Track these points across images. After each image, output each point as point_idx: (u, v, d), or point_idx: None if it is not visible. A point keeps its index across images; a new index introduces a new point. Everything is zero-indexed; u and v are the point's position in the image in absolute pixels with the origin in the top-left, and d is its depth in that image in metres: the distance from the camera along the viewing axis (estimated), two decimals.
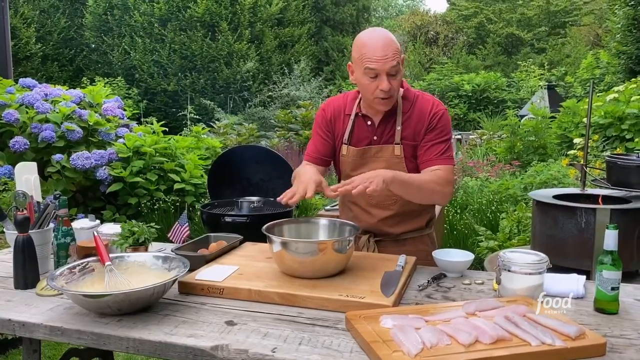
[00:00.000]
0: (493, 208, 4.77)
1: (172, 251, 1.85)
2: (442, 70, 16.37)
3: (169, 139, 5.32)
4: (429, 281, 1.72)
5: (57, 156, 4.41)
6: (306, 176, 1.82)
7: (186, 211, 2.41)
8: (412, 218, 2.06)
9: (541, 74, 14.93)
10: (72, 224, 1.91)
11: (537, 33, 22.05)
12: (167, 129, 5.67)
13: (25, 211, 1.86)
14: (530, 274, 1.50)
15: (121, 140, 4.83)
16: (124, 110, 5.47)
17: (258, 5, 15.02)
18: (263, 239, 1.75)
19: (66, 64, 15.86)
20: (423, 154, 1.94)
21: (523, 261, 1.52)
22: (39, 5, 15.26)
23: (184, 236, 2.22)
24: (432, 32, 23.29)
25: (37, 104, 4.52)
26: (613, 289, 1.47)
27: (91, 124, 4.71)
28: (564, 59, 18.78)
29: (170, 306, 1.54)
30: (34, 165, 2.12)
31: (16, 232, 1.70)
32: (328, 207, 4.12)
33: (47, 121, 4.50)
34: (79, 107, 4.74)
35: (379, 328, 1.30)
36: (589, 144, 3.49)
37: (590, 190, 2.99)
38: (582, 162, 2.99)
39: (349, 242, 1.70)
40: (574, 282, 1.64)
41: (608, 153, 4.95)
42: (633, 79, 7.37)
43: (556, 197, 2.85)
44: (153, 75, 14.47)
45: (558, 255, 2.62)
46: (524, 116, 9.25)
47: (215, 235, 2.11)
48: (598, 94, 7.63)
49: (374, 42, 1.81)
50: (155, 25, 14.40)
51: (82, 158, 4.39)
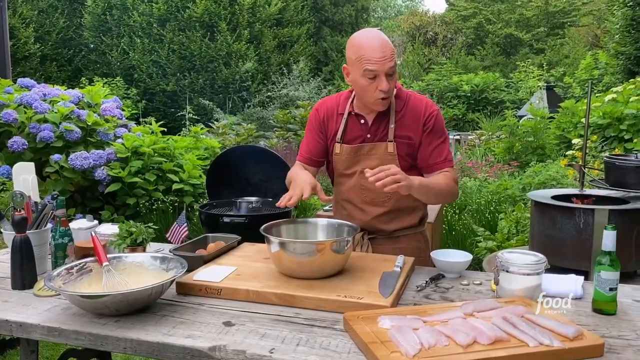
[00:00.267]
0: (492, 208, 4.77)
1: (170, 251, 1.85)
2: (441, 71, 16.37)
3: (168, 139, 5.32)
4: (427, 282, 1.72)
5: (56, 156, 4.40)
6: (301, 179, 1.85)
7: (185, 211, 2.41)
8: (405, 215, 2.07)
9: (540, 75, 14.93)
10: (69, 224, 1.91)
11: (536, 34, 22.06)
12: (165, 129, 5.67)
13: (22, 211, 1.85)
14: (528, 274, 1.51)
15: (120, 140, 4.82)
16: (123, 110, 5.46)
17: (257, 6, 15.02)
18: (261, 239, 1.75)
19: (65, 64, 15.85)
20: (428, 157, 1.97)
21: (521, 262, 1.52)
22: (37, 5, 15.24)
23: (182, 236, 2.21)
24: (431, 33, 23.32)
25: (36, 104, 4.52)
26: (611, 289, 1.47)
27: (90, 124, 4.70)
28: (562, 60, 18.79)
29: (168, 307, 1.54)
30: (31, 166, 2.12)
31: (14, 232, 1.70)
32: (326, 208, 4.11)
33: (45, 121, 4.49)
34: (77, 107, 4.74)
35: (377, 329, 1.30)
36: (587, 145, 3.49)
37: (588, 191, 2.99)
38: (580, 163, 2.99)
39: (347, 242, 1.69)
40: (572, 283, 1.64)
41: (606, 153, 4.95)
42: (631, 80, 7.38)
43: (554, 197, 2.85)
44: (152, 76, 14.46)
45: (556, 256, 2.62)
46: (522, 117, 9.26)
47: (214, 235, 2.11)
48: (597, 95, 7.65)
49: (371, 43, 1.83)
50: (154, 25, 14.39)
51: (80, 158, 4.39)
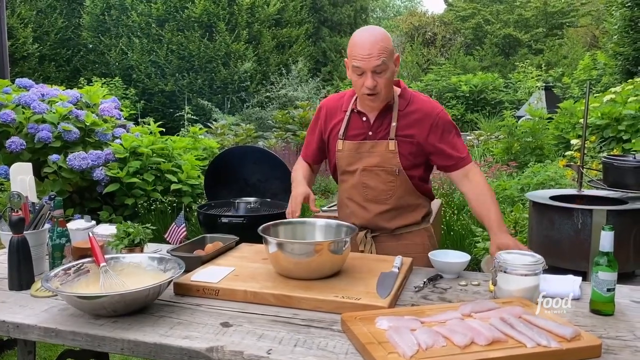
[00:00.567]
0: None
1: (167, 252, 1.84)
2: (440, 71, 16.38)
3: (166, 140, 5.31)
4: (425, 282, 1.72)
5: (54, 157, 4.39)
6: (295, 191, 2.00)
7: (183, 212, 2.40)
8: (407, 213, 2.08)
9: (538, 75, 14.93)
10: (67, 224, 1.91)
11: (535, 34, 22.06)
12: (164, 129, 5.66)
13: (20, 212, 1.85)
14: (526, 275, 1.50)
15: (118, 140, 4.81)
16: (121, 110, 5.46)
17: (256, 6, 15.01)
18: (259, 240, 1.75)
19: (63, 64, 15.82)
20: (447, 158, 2.01)
21: (519, 262, 1.52)
22: (36, 5, 15.21)
23: (180, 237, 2.21)
24: (429, 33, 23.30)
25: (34, 104, 4.51)
26: (609, 290, 1.47)
27: (88, 124, 4.69)
28: (561, 60, 18.80)
29: (165, 307, 1.53)
30: (29, 166, 2.12)
31: (11, 233, 1.70)
32: (325, 208, 4.11)
33: (43, 121, 4.48)
34: (75, 108, 4.73)
35: (375, 329, 1.30)
36: (585, 145, 3.49)
37: (586, 192, 2.99)
38: (578, 163, 2.99)
39: (345, 243, 1.69)
40: (569, 283, 1.64)
41: (605, 154, 4.95)
42: (630, 80, 7.40)
43: (553, 198, 2.85)
44: (150, 76, 14.45)
45: (555, 257, 2.62)
46: (521, 117, 9.26)
47: (212, 236, 2.11)
48: (595, 95, 7.65)
49: (362, 40, 1.86)
50: (153, 25, 14.38)
51: (78, 158, 4.38)
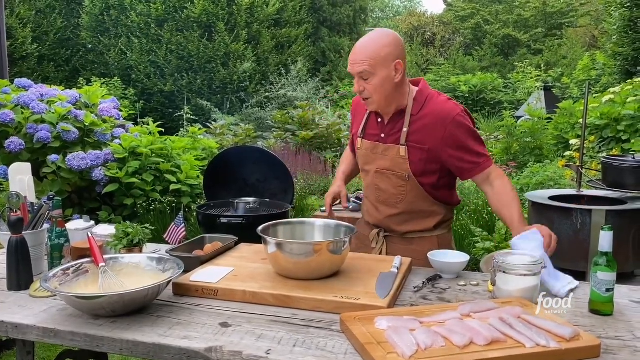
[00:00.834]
0: (489, 209, 4.76)
1: (166, 252, 1.84)
2: (439, 72, 16.39)
3: (165, 140, 5.30)
4: (424, 282, 1.72)
5: (53, 157, 4.39)
6: (330, 189, 2.31)
7: (182, 212, 2.40)
8: (418, 219, 2.06)
9: (538, 75, 14.95)
10: (66, 225, 1.91)
11: (534, 34, 22.07)
12: (163, 129, 5.65)
13: (18, 212, 1.85)
14: (525, 275, 1.51)
15: (117, 140, 4.81)
16: (120, 110, 5.45)
17: (255, 6, 15.00)
18: (259, 240, 1.75)
19: (62, 64, 15.80)
20: (466, 162, 1.95)
21: (518, 263, 1.52)
22: (35, 5, 15.19)
23: (180, 237, 2.21)
24: (429, 33, 23.30)
25: (33, 105, 4.51)
26: (608, 290, 1.47)
27: (87, 124, 4.69)
28: (560, 61, 18.81)
29: (164, 308, 1.53)
30: (28, 166, 2.11)
31: (10, 233, 1.69)
32: (324, 209, 4.10)
33: (42, 122, 4.48)
34: (74, 108, 4.73)
35: (374, 330, 1.30)
36: (585, 145, 3.49)
37: (586, 192, 2.99)
38: (578, 164, 2.99)
39: (344, 243, 1.69)
40: (538, 242, 1.69)
41: (604, 154, 4.96)
42: (629, 80, 7.40)
43: (552, 198, 2.85)
44: (150, 76, 14.44)
45: (554, 256, 2.62)
46: (520, 117, 9.27)
47: (211, 236, 2.10)
48: (594, 95, 7.66)
49: (356, 45, 1.92)
50: (152, 25, 14.37)
51: (77, 159, 4.38)
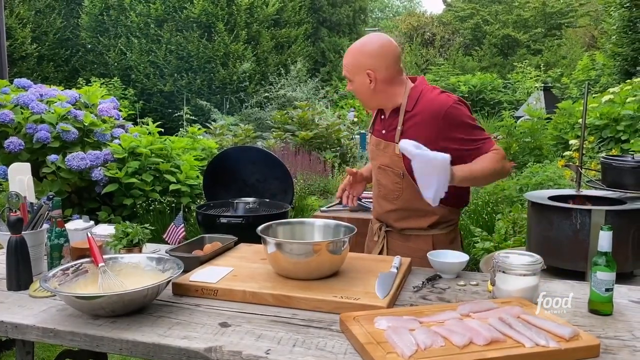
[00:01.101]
0: (489, 209, 4.77)
1: (166, 252, 1.84)
2: (439, 72, 16.42)
3: (165, 140, 5.30)
4: (423, 282, 1.72)
5: (52, 157, 4.39)
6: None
7: (182, 212, 2.39)
8: (414, 217, 2.04)
9: (537, 76, 14.97)
10: (65, 225, 1.91)
11: (533, 34, 22.09)
12: (163, 129, 5.65)
13: (18, 212, 1.85)
14: (524, 275, 1.51)
15: (117, 141, 4.81)
16: (120, 110, 5.45)
17: (254, 6, 15.01)
18: (258, 240, 1.75)
19: (62, 64, 15.81)
20: (464, 151, 1.88)
21: (517, 262, 1.52)
22: (34, 5, 15.20)
23: (179, 237, 2.21)
24: (428, 34, 23.31)
25: (32, 105, 4.51)
26: (607, 290, 1.47)
27: (86, 124, 4.69)
28: (559, 61, 18.83)
29: (164, 308, 1.53)
30: (27, 166, 2.11)
31: (9, 233, 1.69)
32: (324, 209, 4.11)
33: (42, 122, 4.48)
34: (74, 108, 4.73)
35: (373, 329, 1.30)
36: (584, 145, 3.50)
37: (585, 192, 2.99)
38: (577, 164, 2.99)
39: (344, 243, 1.69)
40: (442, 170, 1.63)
41: (603, 154, 4.96)
42: (628, 81, 7.41)
43: (551, 198, 2.85)
44: (149, 76, 14.44)
45: (553, 257, 2.62)
46: (520, 117, 9.28)
47: (210, 236, 2.10)
48: (594, 96, 7.66)
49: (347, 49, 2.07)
50: (152, 25, 14.37)
51: (77, 159, 4.38)
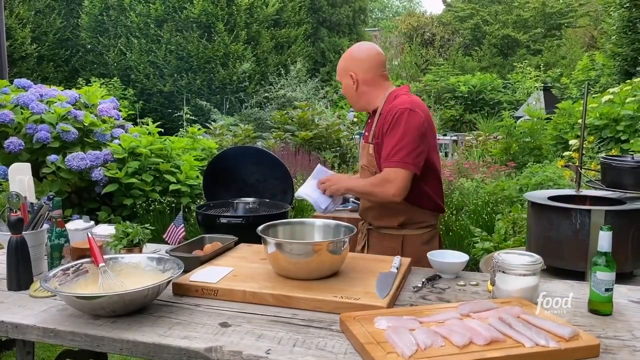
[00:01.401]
0: (489, 209, 4.77)
1: (166, 252, 1.84)
2: (438, 72, 16.39)
3: (165, 140, 5.30)
4: (423, 282, 1.72)
5: (52, 157, 4.39)
6: None
7: (181, 212, 2.39)
8: (387, 216, 2.17)
9: (537, 76, 14.96)
10: (66, 225, 1.91)
11: (533, 35, 22.09)
12: (162, 129, 5.65)
13: (18, 212, 1.85)
14: (524, 275, 1.51)
15: (116, 141, 4.81)
16: (120, 111, 5.45)
17: (254, 7, 15.01)
18: (258, 240, 1.75)
19: (62, 64, 15.80)
20: (384, 153, 2.04)
21: (517, 262, 1.52)
22: (34, 5, 15.20)
23: (179, 237, 2.21)
24: (428, 34, 23.30)
25: (32, 105, 4.50)
26: (607, 290, 1.47)
27: (86, 124, 4.69)
28: (559, 61, 18.83)
29: (164, 308, 1.53)
30: (27, 166, 2.11)
31: (9, 233, 1.69)
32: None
33: (42, 122, 4.48)
34: (74, 108, 4.72)
35: (373, 329, 1.30)
36: (584, 145, 3.50)
37: (585, 192, 2.99)
38: (577, 164, 2.99)
39: (344, 243, 1.69)
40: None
41: (603, 154, 4.96)
42: (628, 81, 7.41)
43: (551, 198, 2.85)
44: (149, 76, 14.43)
45: (553, 257, 2.62)
46: (519, 117, 9.27)
47: (210, 236, 2.11)
48: (593, 96, 7.66)
49: None
50: (151, 26, 14.37)
51: (77, 159, 4.37)
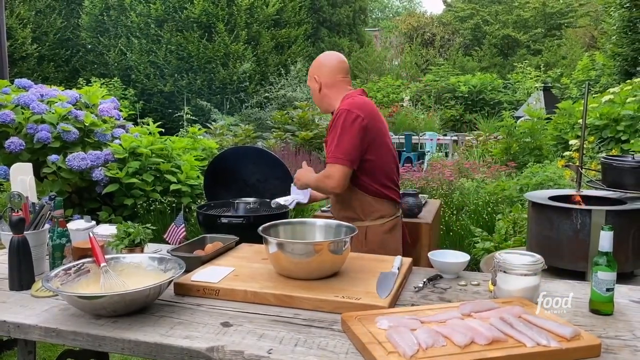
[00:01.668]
0: (489, 209, 4.77)
1: (168, 252, 1.84)
2: (439, 72, 16.39)
3: (165, 140, 5.31)
4: (424, 282, 1.72)
5: (53, 157, 4.39)
6: None
7: (182, 212, 2.40)
8: (345, 208, 2.32)
9: (537, 76, 14.97)
10: (67, 225, 1.91)
11: (533, 35, 22.09)
12: (163, 129, 5.65)
13: (20, 212, 1.85)
14: (525, 275, 1.51)
15: (117, 141, 4.81)
16: (120, 111, 5.45)
17: (255, 7, 15.00)
18: (259, 240, 1.75)
19: (62, 64, 15.80)
20: (327, 151, 2.24)
21: (518, 262, 1.52)
22: (35, 5, 15.20)
23: (180, 237, 2.21)
24: (428, 34, 23.31)
25: (33, 105, 4.51)
26: (608, 290, 1.47)
27: (87, 124, 4.69)
28: (559, 61, 18.83)
29: (165, 307, 1.54)
30: (29, 166, 2.12)
31: (11, 233, 1.70)
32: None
33: (42, 122, 4.48)
34: (74, 108, 4.73)
35: (375, 329, 1.30)
36: (584, 146, 3.50)
37: (585, 192, 3.00)
38: (577, 164, 2.99)
39: (345, 243, 1.70)
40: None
41: (603, 154, 4.96)
42: (628, 81, 7.40)
43: (552, 198, 2.85)
44: (149, 76, 14.43)
45: (554, 257, 2.63)
46: (519, 117, 9.27)
47: (211, 236, 2.11)
48: (594, 96, 7.66)
49: None
50: (152, 26, 14.37)
51: (77, 159, 4.38)
